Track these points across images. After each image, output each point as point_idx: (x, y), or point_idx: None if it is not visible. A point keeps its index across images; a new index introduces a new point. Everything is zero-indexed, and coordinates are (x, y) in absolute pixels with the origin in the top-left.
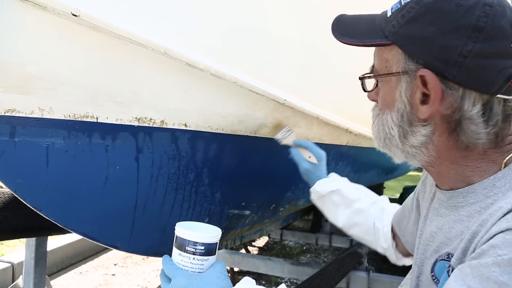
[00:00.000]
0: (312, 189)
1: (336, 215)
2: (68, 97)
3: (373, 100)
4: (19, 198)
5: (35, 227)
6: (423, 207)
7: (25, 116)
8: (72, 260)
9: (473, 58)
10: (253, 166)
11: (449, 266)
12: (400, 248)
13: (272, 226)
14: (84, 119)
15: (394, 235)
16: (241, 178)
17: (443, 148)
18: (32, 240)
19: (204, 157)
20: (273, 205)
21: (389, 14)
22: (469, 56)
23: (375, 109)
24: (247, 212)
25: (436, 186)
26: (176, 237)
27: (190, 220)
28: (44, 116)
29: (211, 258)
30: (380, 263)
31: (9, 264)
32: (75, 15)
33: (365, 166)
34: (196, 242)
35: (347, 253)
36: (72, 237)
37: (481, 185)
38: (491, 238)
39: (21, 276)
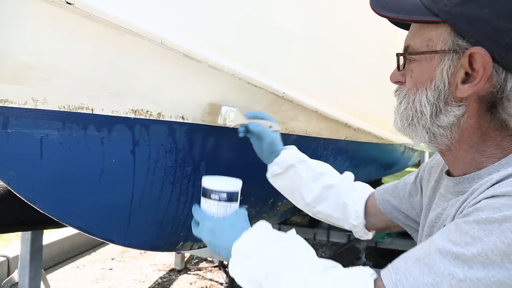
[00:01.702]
0: (277, 159)
1: (302, 190)
2: (62, 88)
3: (396, 82)
4: (12, 190)
5: (30, 220)
6: (427, 193)
7: (18, 107)
8: (69, 254)
9: None
10: (251, 160)
11: None
12: (369, 225)
13: (270, 221)
14: (79, 111)
15: (367, 213)
16: (239, 172)
17: (469, 130)
18: (28, 234)
19: (202, 151)
20: (271, 200)
21: None
22: None
23: (400, 90)
24: (245, 207)
25: (445, 173)
26: (203, 187)
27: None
28: (38, 107)
29: (233, 205)
30: (377, 258)
31: (5, 258)
32: (70, 4)
33: (363, 161)
34: (219, 191)
35: (345, 248)
36: (68, 231)
37: (486, 171)
38: (477, 203)
39: (16, 270)
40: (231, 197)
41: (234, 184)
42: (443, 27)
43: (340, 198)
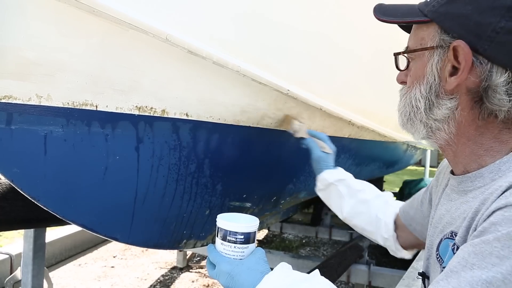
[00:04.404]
0: (319, 177)
1: (341, 205)
2: (66, 84)
3: (401, 83)
4: (16, 188)
5: (33, 218)
6: (436, 197)
7: (22, 103)
8: (71, 252)
9: (505, 34)
10: (255, 158)
11: (454, 244)
12: (401, 240)
13: (272, 219)
14: (83, 107)
15: (397, 227)
16: (243, 170)
17: (464, 123)
18: (31, 231)
19: (206, 148)
20: (274, 198)
21: None
22: (501, 32)
23: (403, 90)
24: (248, 205)
25: (451, 173)
26: (218, 228)
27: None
28: (42, 104)
29: (251, 246)
30: (380, 256)
31: (7, 256)
32: None
33: (366, 159)
34: (236, 232)
35: (348, 246)
36: (71, 229)
37: (488, 169)
38: (490, 215)
39: (19, 268)
40: (248, 238)
41: (251, 224)
42: (432, 26)
43: (374, 212)
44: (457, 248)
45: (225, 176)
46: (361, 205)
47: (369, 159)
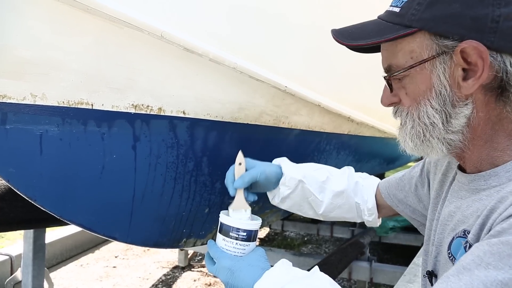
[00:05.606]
0: (283, 181)
1: (312, 203)
2: (61, 83)
3: (390, 105)
4: (12, 188)
5: (32, 219)
6: (434, 186)
7: (16, 102)
8: (72, 252)
9: (504, 21)
10: (254, 155)
11: (466, 242)
12: (379, 215)
13: (273, 216)
14: (79, 106)
15: (377, 207)
16: None
17: (481, 124)
18: (30, 232)
19: (204, 146)
20: None
21: (396, 10)
22: (500, 21)
23: (400, 110)
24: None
25: (458, 169)
26: (221, 224)
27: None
28: (36, 103)
29: (252, 244)
30: (381, 253)
31: (7, 257)
32: None
33: (366, 156)
34: (239, 229)
35: (349, 243)
36: (71, 229)
37: (503, 168)
38: (510, 216)
39: (19, 269)
40: (250, 236)
41: (254, 222)
42: (420, 35)
43: (352, 199)
44: (470, 246)
45: (223, 174)
46: (338, 198)
47: (369, 155)
